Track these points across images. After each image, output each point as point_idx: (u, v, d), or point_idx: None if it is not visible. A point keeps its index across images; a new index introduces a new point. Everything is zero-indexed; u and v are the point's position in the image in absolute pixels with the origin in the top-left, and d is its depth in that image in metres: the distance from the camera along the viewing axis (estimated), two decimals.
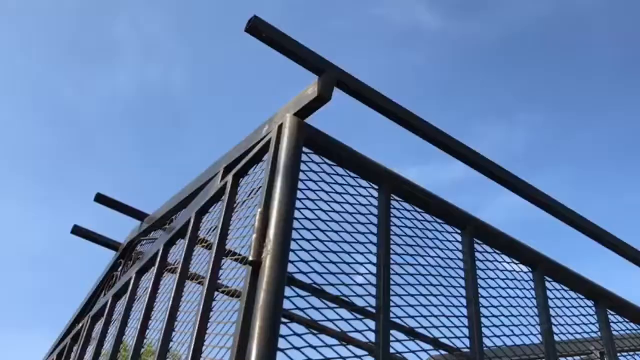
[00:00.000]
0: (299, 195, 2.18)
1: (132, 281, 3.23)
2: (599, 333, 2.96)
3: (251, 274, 1.92)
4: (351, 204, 2.36)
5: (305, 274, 2.05)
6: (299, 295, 1.98)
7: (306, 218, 2.17)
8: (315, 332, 1.99)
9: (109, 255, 4.58)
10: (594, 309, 3.00)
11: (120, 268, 4.05)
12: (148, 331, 2.74)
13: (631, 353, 3.09)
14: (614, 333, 3.00)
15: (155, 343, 2.56)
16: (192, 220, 2.74)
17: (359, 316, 2.11)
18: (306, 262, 2.08)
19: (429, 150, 2.85)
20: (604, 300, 3.00)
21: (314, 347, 1.92)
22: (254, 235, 1.98)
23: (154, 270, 2.97)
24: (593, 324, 2.96)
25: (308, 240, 2.13)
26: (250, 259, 1.93)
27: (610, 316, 3.03)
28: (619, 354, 3.06)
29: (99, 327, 3.53)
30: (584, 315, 2.95)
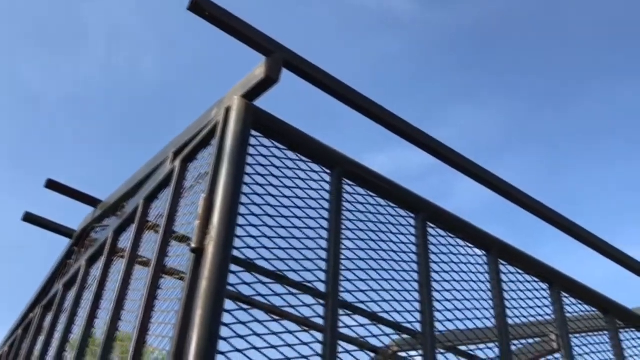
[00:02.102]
0: (247, 180, 2.13)
1: (83, 269, 3.14)
2: (553, 315, 2.98)
3: (193, 261, 1.87)
4: (302, 189, 2.31)
5: (251, 260, 2.00)
6: (244, 282, 1.94)
7: (254, 203, 2.12)
8: (265, 320, 1.95)
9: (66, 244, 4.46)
10: (548, 291, 3.02)
11: (74, 256, 3.95)
12: (96, 320, 2.67)
13: (584, 334, 3.12)
14: (568, 315, 3.03)
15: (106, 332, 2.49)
16: (141, 207, 2.66)
17: (308, 302, 2.08)
18: (253, 249, 2.03)
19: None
20: (558, 282, 3.02)
21: (259, 335, 1.88)
22: (197, 222, 1.92)
23: (103, 258, 2.88)
24: (547, 307, 2.98)
25: (256, 226, 2.08)
26: (192, 245, 1.87)
27: (564, 298, 3.06)
28: (573, 335, 3.09)
29: (50, 317, 3.44)
30: (538, 298, 2.96)
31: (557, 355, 2.94)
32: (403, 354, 3.04)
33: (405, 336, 2.82)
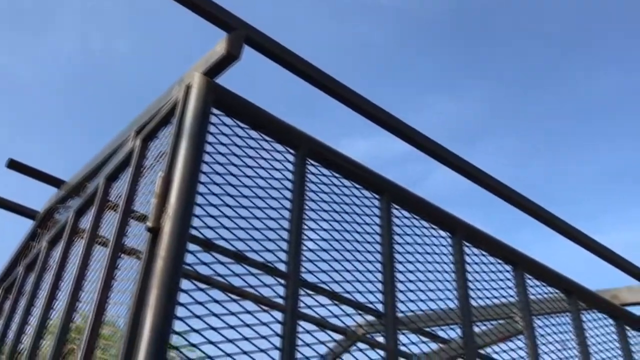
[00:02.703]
0: (207, 158, 2.09)
1: (44, 251, 3.08)
2: (517, 297, 3.01)
3: (150, 240, 1.83)
4: (265, 169, 2.28)
5: (210, 240, 1.97)
6: (202, 262, 1.91)
7: (214, 183, 2.09)
8: (223, 300, 1.92)
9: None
10: (512, 273, 3.04)
11: (37, 238, 3.87)
12: (56, 302, 2.62)
13: (547, 315, 3.16)
14: (532, 297, 3.06)
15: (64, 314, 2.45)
16: (101, 186, 2.61)
17: (268, 282, 2.06)
18: (212, 228, 2.00)
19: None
20: (522, 264, 3.04)
21: (217, 315, 1.85)
22: (154, 201, 1.88)
23: (64, 239, 2.83)
24: (511, 288, 3.00)
25: (215, 206, 2.05)
26: (149, 224, 1.84)
27: (528, 280, 3.08)
28: (537, 317, 3.13)
29: (10, 299, 3.37)
30: (502, 280, 2.98)
31: (520, 336, 2.97)
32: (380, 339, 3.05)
33: (373, 318, 2.82)
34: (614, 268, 3.57)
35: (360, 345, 2.30)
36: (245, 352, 1.86)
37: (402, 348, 2.37)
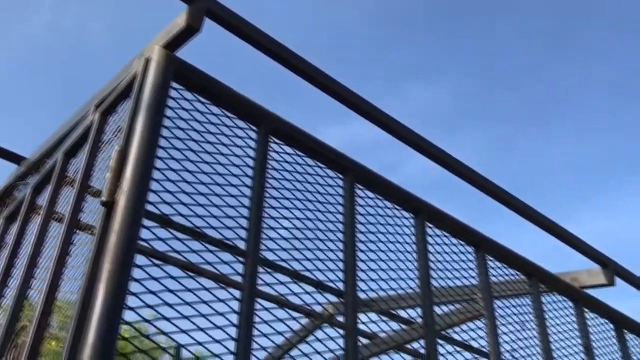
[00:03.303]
0: (166, 133, 2.05)
1: (1, 228, 3.00)
2: (478, 278, 3.03)
3: (104, 215, 1.80)
4: (226, 145, 2.25)
5: (167, 216, 1.94)
6: (159, 238, 1.88)
7: (172, 158, 2.05)
8: (180, 276, 1.90)
9: None
10: (474, 255, 3.06)
11: None
12: (11, 279, 2.56)
13: (508, 298, 3.19)
14: (493, 279, 3.09)
15: (17, 292, 2.39)
16: (59, 162, 2.54)
17: (227, 259, 2.04)
18: (170, 204, 1.96)
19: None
20: (484, 247, 3.07)
21: (173, 292, 1.83)
22: (109, 175, 1.84)
23: (21, 216, 2.76)
24: (472, 269, 3.03)
25: (174, 182, 2.02)
26: (103, 199, 1.80)
27: (489, 262, 3.11)
28: (498, 299, 3.16)
29: None
30: (464, 261, 3.00)
31: (481, 318, 3.00)
32: (340, 319, 3.05)
33: (341, 300, 2.82)
34: (577, 253, 3.64)
35: (323, 327, 2.30)
36: (201, 329, 1.85)
37: (363, 327, 2.38)
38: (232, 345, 1.88)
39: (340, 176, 2.61)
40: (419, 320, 2.62)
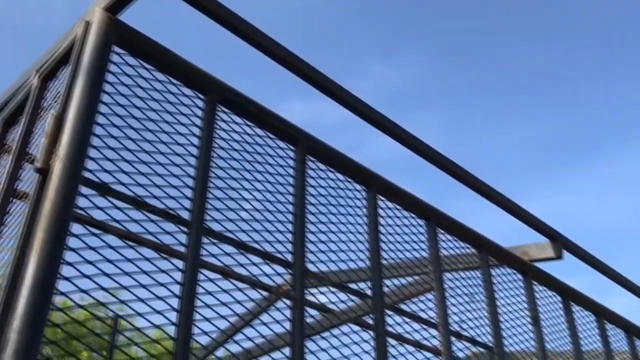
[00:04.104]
0: (106, 99, 1.99)
1: None
2: (429, 252, 3.05)
3: (39, 182, 1.73)
4: (171, 113, 2.19)
5: (106, 184, 1.89)
6: (97, 206, 1.82)
7: (113, 125, 1.98)
8: (119, 246, 1.85)
9: None
10: (424, 227, 3.08)
11: None
12: None
13: (458, 270, 3.23)
14: (443, 251, 3.12)
15: None
16: None
17: (170, 229, 1.99)
18: (109, 172, 1.91)
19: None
20: (434, 219, 3.08)
21: (112, 262, 1.78)
22: (44, 140, 1.77)
23: None
24: (423, 242, 3.05)
25: (114, 149, 1.95)
26: (38, 165, 1.73)
27: (440, 235, 3.14)
28: (447, 272, 3.20)
29: None
30: (415, 234, 3.02)
31: (431, 293, 3.03)
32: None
33: (289, 271, 2.80)
34: (528, 227, 3.69)
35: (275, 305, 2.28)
36: (141, 300, 1.81)
37: (310, 298, 2.37)
38: (173, 316, 1.85)
39: (291, 147, 2.57)
40: (369, 292, 2.63)
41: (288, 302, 2.24)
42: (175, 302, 1.87)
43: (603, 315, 4.09)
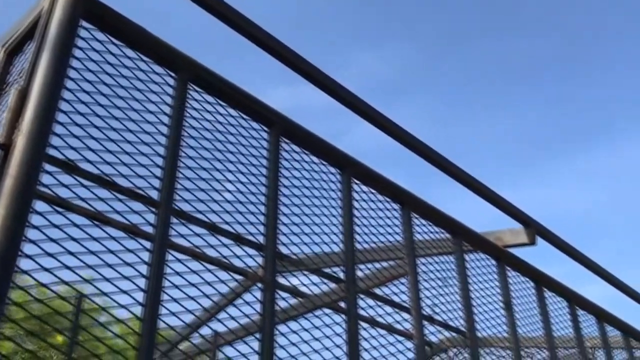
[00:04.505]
0: (73, 74, 1.94)
1: None
2: (403, 236, 3.05)
3: (1, 158, 1.68)
4: (140, 90, 2.14)
5: (72, 161, 1.84)
6: (62, 184, 1.78)
7: (80, 101, 1.94)
8: (85, 224, 1.81)
9: None
10: (399, 212, 3.08)
11: None
12: None
13: (432, 255, 3.24)
14: (417, 236, 3.12)
15: None
16: None
17: (137, 209, 1.96)
18: (76, 149, 1.86)
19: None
20: (409, 204, 3.08)
21: (77, 240, 1.74)
22: (6, 115, 1.72)
23: None
24: (397, 226, 3.04)
25: (81, 126, 1.91)
26: (0, 141, 1.68)
27: (414, 219, 3.13)
28: (424, 258, 3.20)
29: None
30: (389, 218, 3.01)
31: (404, 277, 3.03)
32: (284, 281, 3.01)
33: (261, 253, 2.78)
34: (503, 216, 3.71)
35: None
36: (107, 279, 1.77)
37: (282, 281, 2.36)
38: (140, 296, 1.82)
39: (265, 128, 2.54)
40: (342, 276, 2.62)
41: (260, 285, 2.22)
42: (142, 283, 1.84)
43: (575, 301, 4.14)
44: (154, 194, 2.00)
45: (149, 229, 1.94)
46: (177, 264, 1.97)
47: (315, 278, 2.63)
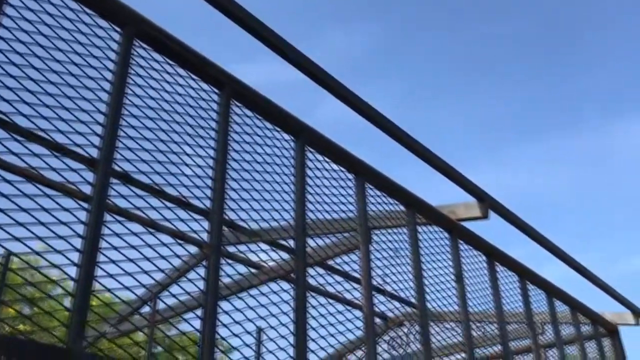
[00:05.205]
0: (9, 24, 1.84)
1: None
2: (356, 206, 3.02)
3: None
4: (83, 44, 2.05)
5: (5, 114, 1.75)
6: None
7: (16, 52, 1.84)
8: (16, 180, 1.73)
9: None
10: (353, 182, 3.04)
11: None
12: None
13: (385, 226, 3.22)
14: (371, 206, 3.09)
15: None
16: None
17: (75, 167, 1.88)
18: (9, 102, 1.77)
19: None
20: (364, 174, 3.05)
21: (6, 196, 1.66)
22: None
23: None
24: (351, 196, 3.01)
25: (15, 77, 1.81)
26: None
27: (369, 190, 3.11)
28: (375, 228, 3.19)
29: None
30: (343, 187, 2.98)
31: (357, 249, 3.00)
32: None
33: (230, 230, 2.72)
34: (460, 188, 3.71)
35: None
36: (39, 238, 1.70)
37: (230, 249, 2.31)
38: (75, 257, 1.75)
39: (216, 90, 2.47)
40: (293, 245, 2.59)
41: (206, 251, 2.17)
42: (78, 242, 1.77)
43: (526, 276, 4.20)
44: (94, 152, 1.92)
45: (87, 189, 1.86)
46: (116, 225, 1.90)
47: (264, 246, 2.59)
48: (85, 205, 1.83)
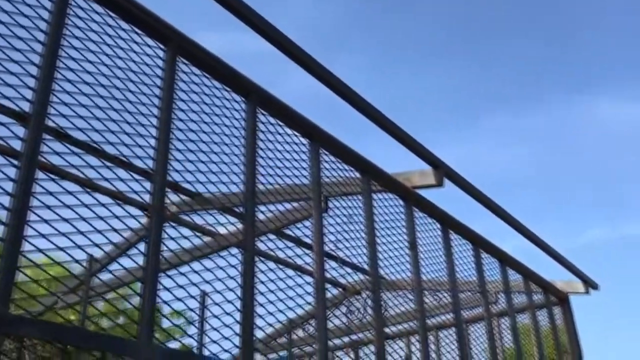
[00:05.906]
0: None
1: None
2: (310, 171, 2.96)
3: None
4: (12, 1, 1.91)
5: None
6: None
7: None
8: None
9: None
10: (307, 147, 2.98)
11: None
12: None
13: (340, 194, 3.18)
14: (326, 172, 3.04)
15: None
16: None
17: (5, 121, 1.76)
18: None
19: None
20: (318, 138, 2.99)
21: None
22: None
23: None
24: (305, 161, 2.95)
25: None
26: None
27: (323, 156, 3.05)
28: (334, 198, 3.15)
29: None
30: (297, 152, 2.91)
31: (311, 217, 2.94)
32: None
33: (184, 197, 2.63)
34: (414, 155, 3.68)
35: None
36: None
37: (172, 209, 2.23)
38: (3, 216, 1.65)
39: (161, 46, 2.35)
40: (242, 210, 2.52)
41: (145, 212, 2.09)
42: (6, 200, 1.67)
43: (480, 244, 4.23)
44: (25, 106, 1.80)
45: (18, 144, 1.75)
46: (49, 183, 1.80)
47: (213, 212, 2.52)
48: (14, 162, 1.72)
